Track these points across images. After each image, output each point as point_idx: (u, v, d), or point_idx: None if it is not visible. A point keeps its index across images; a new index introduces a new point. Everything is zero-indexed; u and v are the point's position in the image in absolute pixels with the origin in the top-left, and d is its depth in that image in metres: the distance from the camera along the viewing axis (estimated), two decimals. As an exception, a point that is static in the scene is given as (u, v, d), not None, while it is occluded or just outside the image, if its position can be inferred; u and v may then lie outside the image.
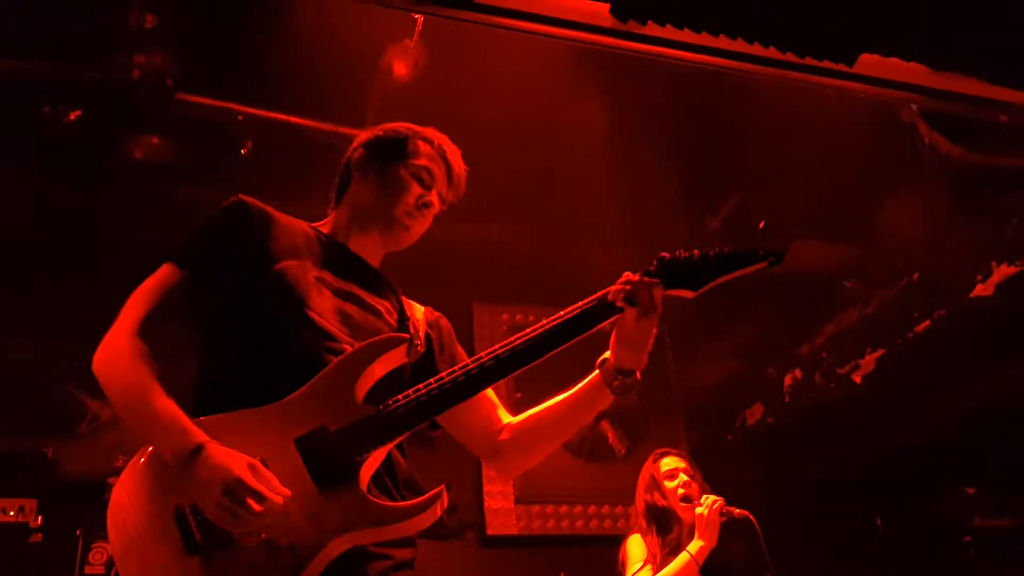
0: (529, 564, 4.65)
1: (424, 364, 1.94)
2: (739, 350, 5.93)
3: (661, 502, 3.64)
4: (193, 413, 1.65)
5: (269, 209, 1.93)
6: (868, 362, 5.03)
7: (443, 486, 1.65)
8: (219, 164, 4.85)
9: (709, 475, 3.77)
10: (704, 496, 3.50)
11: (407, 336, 1.81)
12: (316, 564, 1.53)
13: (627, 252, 5.55)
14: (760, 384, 5.81)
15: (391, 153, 2.04)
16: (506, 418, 2.00)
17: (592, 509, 5.45)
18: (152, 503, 1.55)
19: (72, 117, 4.56)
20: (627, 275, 1.86)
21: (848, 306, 5.25)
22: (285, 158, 4.89)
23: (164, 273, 1.78)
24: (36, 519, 3.87)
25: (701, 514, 3.41)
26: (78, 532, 3.94)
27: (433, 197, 2.03)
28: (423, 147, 2.06)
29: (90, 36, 4.26)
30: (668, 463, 3.73)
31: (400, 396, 1.68)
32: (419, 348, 1.90)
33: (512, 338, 1.77)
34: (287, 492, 1.54)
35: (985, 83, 3.90)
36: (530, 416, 1.96)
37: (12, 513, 3.85)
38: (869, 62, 3.72)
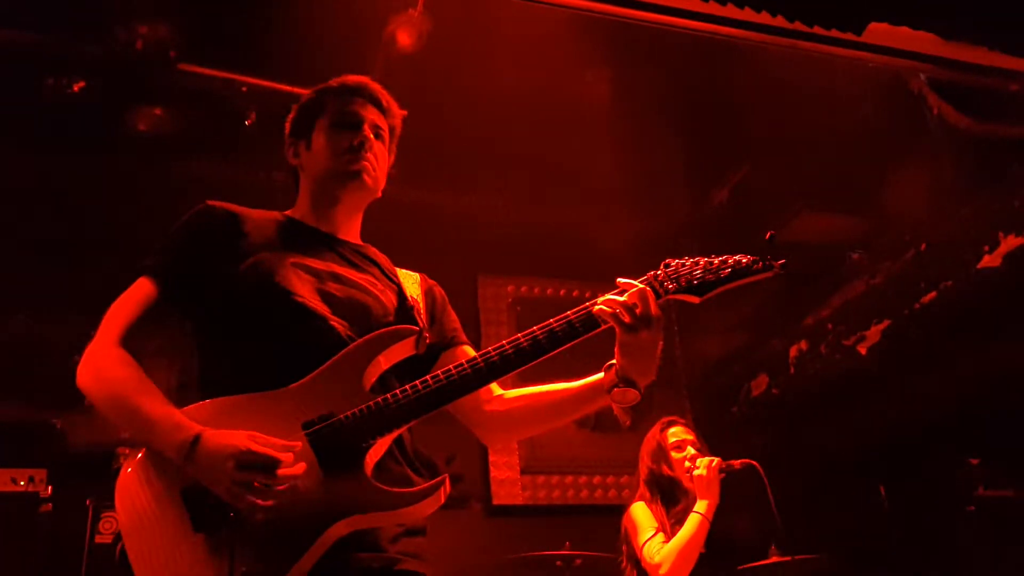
0: (534, 534, 4.68)
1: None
2: (744, 322, 5.92)
3: (668, 472, 3.67)
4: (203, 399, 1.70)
5: (238, 208, 1.94)
6: (874, 333, 5.02)
7: (446, 475, 1.67)
8: (223, 135, 4.84)
9: (713, 447, 3.80)
10: (698, 460, 3.55)
11: (416, 328, 1.82)
12: (318, 546, 1.56)
13: (633, 224, 5.58)
14: (765, 356, 5.82)
15: (306, 123, 2.05)
16: (498, 390, 1.99)
17: (597, 479, 5.49)
18: (159, 486, 1.61)
19: (76, 89, 4.54)
20: (612, 296, 1.82)
21: (854, 277, 5.23)
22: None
23: (140, 286, 1.82)
24: (46, 489, 3.91)
25: (700, 475, 3.47)
26: (88, 502, 3.97)
27: (365, 133, 2.00)
28: (329, 99, 2.05)
29: (93, 7, 4.24)
30: (676, 433, 3.75)
31: (408, 386, 1.69)
32: (427, 340, 1.89)
33: (519, 336, 1.77)
34: (296, 444, 1.58)
35: (994, 52, 3.86)
36: (524, 396, 1.95)
37: (23, 483, 3.89)
38: (878, 31, 3.68)
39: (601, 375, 1.85)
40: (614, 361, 1.82)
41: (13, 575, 3.73)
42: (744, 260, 1.88)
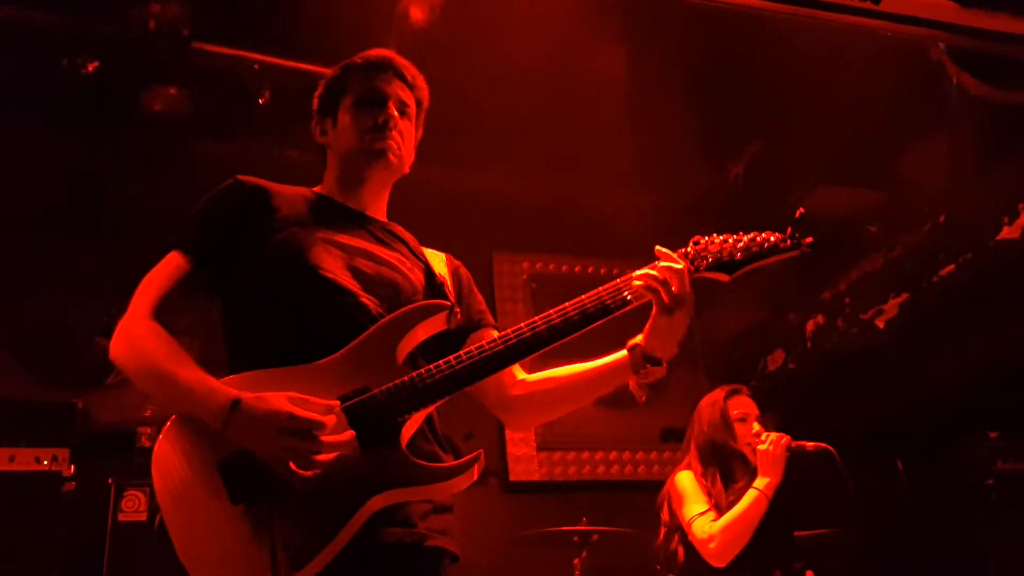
0: (551, 509, 4.71)
1: None
2: (761, 296, 5.90)
3: (732, 444, 3.43)
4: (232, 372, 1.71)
5: (267, 183, 1.94)
6: (891, 307, 4.99)
7: (481, 451, 1.68)
8: (237, 114, 4.84)
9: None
10: (766, 434, 3.33)
11: (448, 304, 1.81)
12: (356, 519, 1.56)
13: (648, 199, 5.55)
14: (782, 330, 5.80)
15: (331, 102, 2.04)
16: (520, 374, 1.99)
17: (613, 455, 5.50)
18: (195, 457, 1.60)
19: (90, 69, 4.55)
20: (647, 271, 1.83)
21: (872, 251, 5.19)
22: (303, 107, 4.86)
23: (171, 260, 1.83)
24: (69, 468, 3.95)
25: (766, 451, 3.25)
26: (110, 480, 4.02)
27: (389, 111, 1.98)
28: (353, 77, 2.03)
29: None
30: (742, 403, 3.52)
31: (442, 362, 1.70)
32: (458, 316, 1.91)
33: (551, 312, 1.78)
34: (335, 403, 1.59)
35: (1015, 18, 3.80)
36: (547, 378, 1.95)
37: (46, 462, 3.93)
38: (895, -1, 3.63)
39: (623, 353, 1.85)
40: (637, 340, 1.83)
41: (38, 553, 3.78)
42: (773, 238, 1.89)
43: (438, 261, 2.04)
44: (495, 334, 1.87)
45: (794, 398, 5.72)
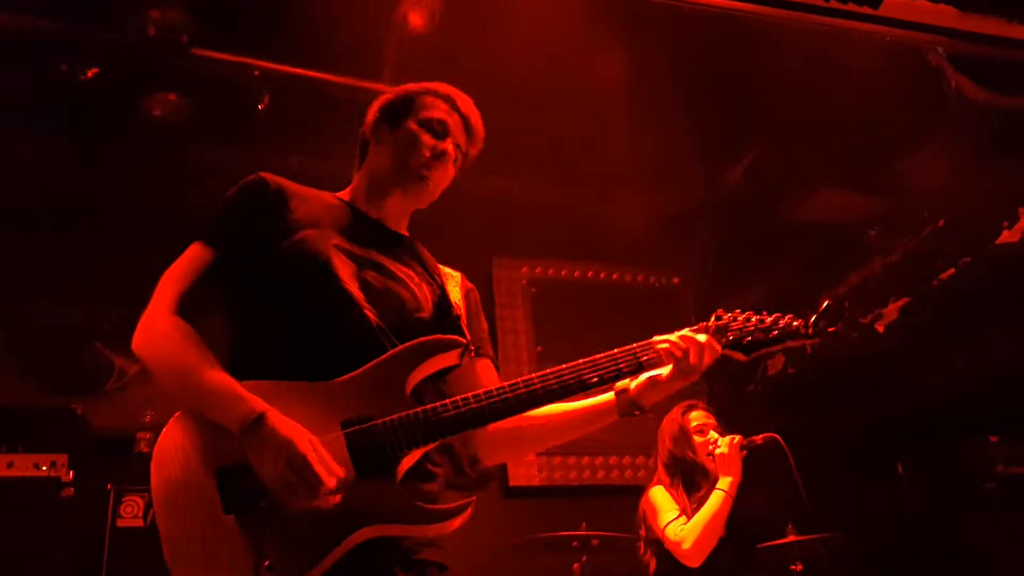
0: (551, 514, 4.70)
1: (436, 327, 1.91)
2: (761, 301, 5.89)
3: (691, 456, 3.65)
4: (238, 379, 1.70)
5: (288, 183, 1.94)
6: (891, 311, 5.00)
7: (474, 497, 1.67)
8: (237, 120, 4.84)
9: (729, 426, 3.78)
10: (719, 438, 3.55)
11: (464, 341, 1.80)
12: (342, 547, 1.56)
13: (647, 205, 5.55)
14: (782, 335, 5.79)
15: (400, 111, 2.05)
16: None
17: (613, 460, 5.50)
18: (195, 459, 1.60)
19: (89, 75, 4.55)
20: (669, 338, 1.85)
21: (872, 255, 5.20)
22: (303, 112, 4.86)
23: (194, 252, 1.82)
24: (68, 473, 3.95)
25: (722, 453, 3.46)
26: (109, 486, 4.02)
27: (448, 146, 2.01)
28: (431, 100, 2.05)
29: (104, -7, 4.24)
30: (698, 417, 3.72)
31: (448, 401, 1.69)
32: (472, 353, 1.89)
33: (561, 368, 1.79)
34: (341, 474, 1.56)
35: (1013, 23, 3.80)
36: (534, 416, 1.90)
37: (44, 468, 3.93)
38: (895, 4, 3.64)
39: (610, 396, 1.90)
40: (626, 385, 1.89)
41: (37, 558, 3.78)
42: (795, 324, 1.90)
43: (453, 283, 2.04)
44: (490, 365, 1.93)
45: (794, 403, 5.72)
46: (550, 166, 5.36)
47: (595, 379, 1.78)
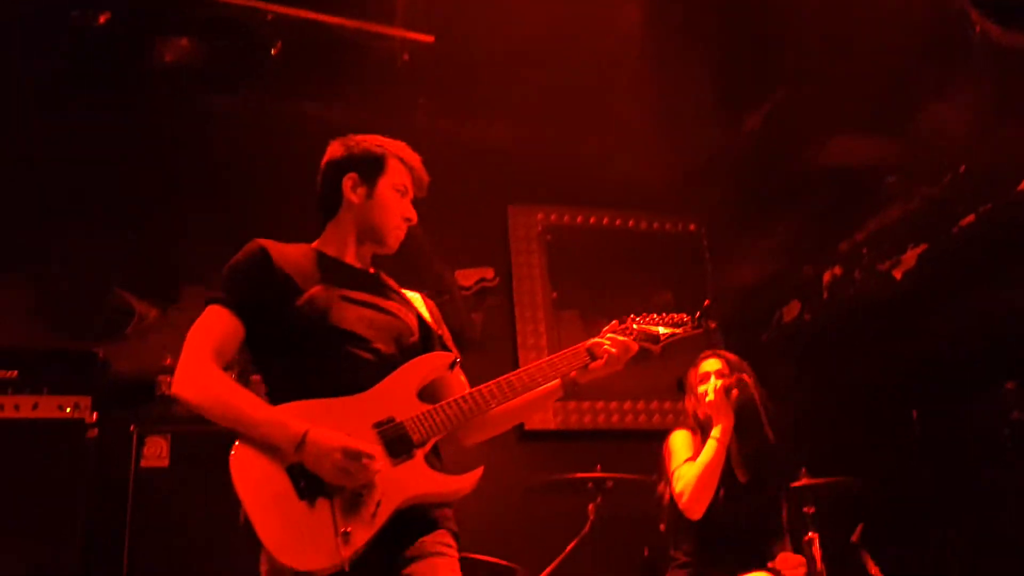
0: (566, 458, 4.75)
1: (424, 345, 2.40)
2: (777, 248, 5.87)
3: (693, 406, 3.69)
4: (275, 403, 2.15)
5: (278, 246, 2.31)
6: (909, 258, 4.96)
7: (482, 467, 2.19)
8: (250, 66, 4.82)
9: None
10: (703, 387, 3.57)
11: (454, 356, 2.38)
12: (387, 512, 2.07)
13: (664, 151, 5.51)
14: (797, 282, 5.78)
15: (372, 172, 2.42)
16: None
17: (627, 405, 5.55)
18: (268, 463, 2.04)
19: (101, 20, 4.53)
20: (611, 332, 2.44)
21: (890, 201, 5.14)
22: (316, 57, 4.83)
23: (212, 312, 2.21)
24: (91, 415, 4.02)
25: (711, 402, 3.48)
26: (132, 428, 4.09)
27: (411, 210, 2.45)
28: (390, 161, 2.44)
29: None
30: (704, 366, 3.72)
31: (451, 401, 2.21)
32: (458, 363, 2.41)
33: (528, 367, 2.32)
34: (375, 455, 2.06)
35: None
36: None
37: (69, 410, 4.00)
38: (919, -56, 3.55)
39: (556, 381, 2.39)
40: (571, 376, 2.39)
41: (64, 498, 3.87)
42: (685, 319, 2.54)
43: (420, 304, 2.50)
44: (460, 372, 2.43)
45: (809, 350, 5.73)
46: (566, 112, 5.32)
47: (555, 376, 2.34)
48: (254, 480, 2.02)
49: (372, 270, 2.48)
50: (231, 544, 3.87)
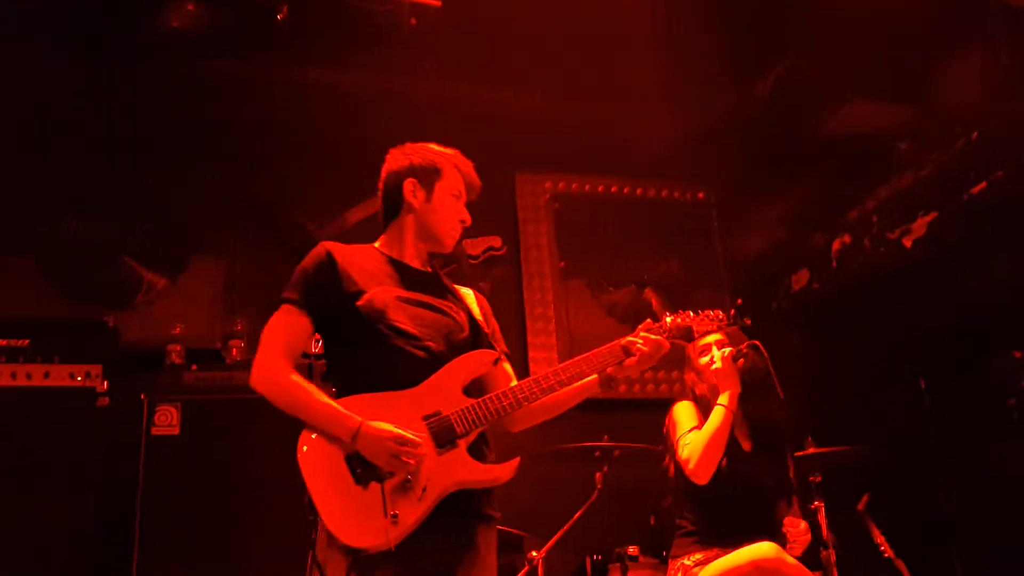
0: (573, 426, 4.76)
1: (473, 341, 2.58)
2: (786, 216, 5.84)
3: (693, 380, 3.69)
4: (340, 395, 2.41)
5: (345, 248, 2.56)
6: (919, 226, 4.93)
7: (519, 458, 2.42)
8: (256, 31, 4.78)
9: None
10: (708, 356, 3.55)
11: (496, 354, 2.59)
12: (438, 496, 2.31)
13: (673, 117, 5.47)
14: (807, 250, 5.75)
15: (430, 178, 2.65)
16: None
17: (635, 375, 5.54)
18: (331, 455, 2.30)
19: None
20: (644, 330, 2.61)
21: (901, 168, 5.10)
22: (322, 23, 4.79)
23: (284, 312, 2.47)
24: (102, 384, 4.04)
25: (716, 369, 3.46)
26: (142, 396, 4.12)
27: (465, 213, 2.68)
28: (448, 167, 2.67)
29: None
30: (703, 339, 3.60)
31: (492, 396, 2.42)
32: (501, 360, 2.63)
33: (565, 364, 2.54)
34: (422, 443, 2.30)
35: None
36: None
37: (80, 378, 4.02)
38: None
39: (594, 377, 2.59)
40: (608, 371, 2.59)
41: (76, 465, 3.90)
42: (721, 315, 2.76)
43: (472, 301, 2.71)
44: (507, 365, 2.65)
45: (817, 318, 5.72)
46: (575, 79, 5.27)
47: (591, 373, 2.54)
48: (318, 467, 2.29)
49: (430, 269, 2.69)
50: (241, 510, 3.93)
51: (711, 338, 3.63)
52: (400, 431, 2.27)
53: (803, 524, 3.38)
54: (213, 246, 5.13)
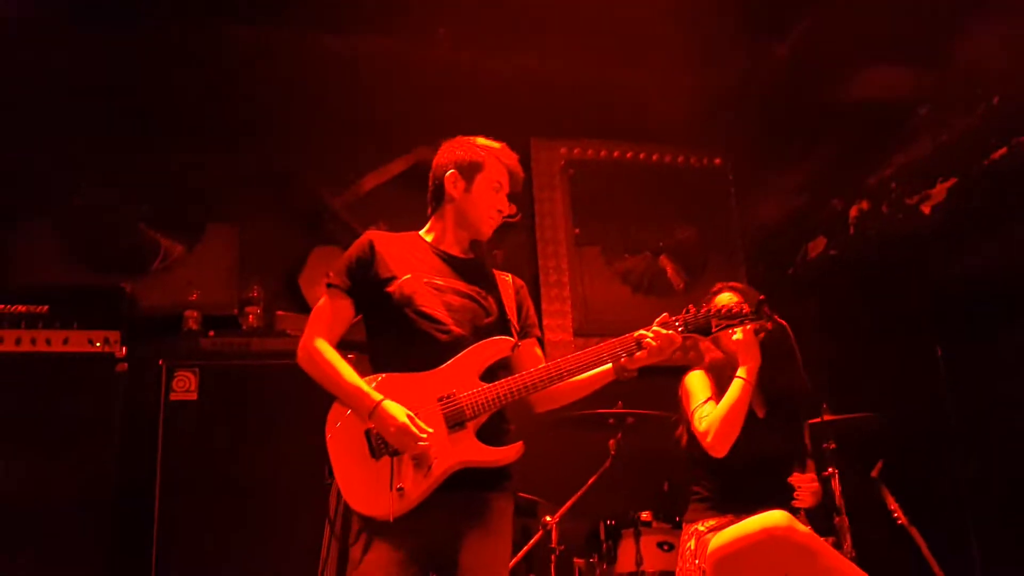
0: (588, 396, 4.79)
1: (500, 326, 2.74)
2: (804, 182, 5.79)
3: (708, 347, 3.67)
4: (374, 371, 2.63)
5: (388, 237, 2.77)
6: (939, 192, 4.89)
7: (521, 442, 2.58)
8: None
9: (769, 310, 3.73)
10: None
11: (513, 341, 2.70)
12: (440, 477, 2.49)
13: (689, 82, 5.41)
14: (824, 217, 5.71)
15: (471, 170, 2.80)
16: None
17: (649, 341, 5.54)
18: (353, 429, 2.53)
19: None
20: (658, 324, 2.71)
21: (921, 133, 5.04)
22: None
23: (330, 295, 2.69)
24: (121, 349, 4.08)
25: (738, 340, 3.43)
26: (160, 362, 4.16)
27: (505, 203, 2.82)
28: (490, 160, 2.81)
29: None
30: (719, 300, 3.59)
31: (503, 382, 2.58)
32: (519, 347, 2.75)
33: (579, 353, 2.65)
34: (430, 430, 2.48)
35: None
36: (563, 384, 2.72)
37: (98, 344, 4.07)
38: None
39: (609, 366, 2.71)
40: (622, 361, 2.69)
41: (95, 430, 3.96)
42: (745, 310, 2.78)
43: (507, 288, 2.85)
44: (537, 346, 2.86)
45: (834, 285, 5.69)
46: (590, 44, 5.22)
47: (603, 362, 2.66)
48: (340, 439, 2.53)
49: (472, 255, 2.86)
50: (259, 474, 3.98)
51: (725, 299, 3.58)
52: (406, 421, 2.45)
53: (810, 475, 3.39)
54: (229, 213, 5.15)
